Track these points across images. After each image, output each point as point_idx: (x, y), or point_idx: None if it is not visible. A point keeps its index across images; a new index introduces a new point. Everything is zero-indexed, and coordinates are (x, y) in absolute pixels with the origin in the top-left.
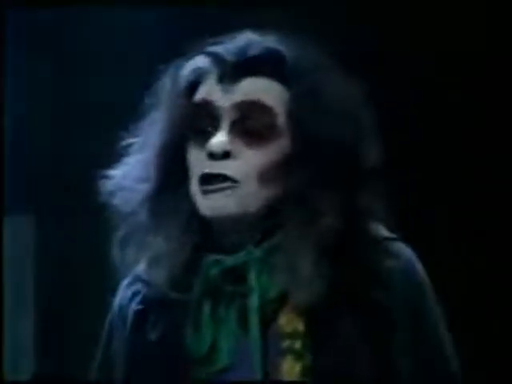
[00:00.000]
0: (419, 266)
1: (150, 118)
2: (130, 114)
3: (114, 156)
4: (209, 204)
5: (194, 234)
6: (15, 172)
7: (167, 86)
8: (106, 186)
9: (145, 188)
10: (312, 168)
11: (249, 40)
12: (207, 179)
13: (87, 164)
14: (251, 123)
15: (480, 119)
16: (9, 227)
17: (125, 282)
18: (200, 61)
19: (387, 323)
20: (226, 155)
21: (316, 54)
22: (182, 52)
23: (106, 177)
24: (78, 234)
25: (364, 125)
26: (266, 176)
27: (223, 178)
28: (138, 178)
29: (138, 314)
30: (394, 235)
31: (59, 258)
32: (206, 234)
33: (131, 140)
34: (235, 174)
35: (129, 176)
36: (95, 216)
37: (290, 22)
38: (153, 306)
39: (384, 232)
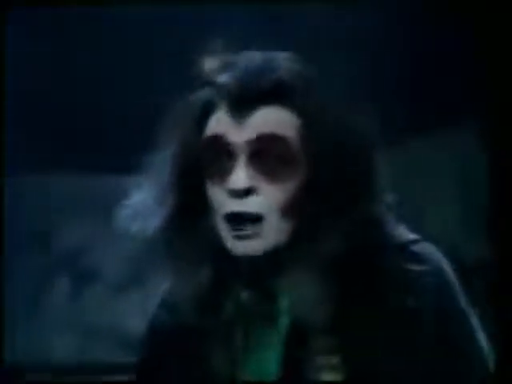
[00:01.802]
0: (446, 266)
1: (162, 155)
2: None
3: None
4: (239, 246)
5: (217, 262)
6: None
7: (177, 121)
8: (123, 214)
9: (162, 214)
10: (325, 191)
11: (253, 64)
12: (233, 218)
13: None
14: (269, 158)
15: None
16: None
17: (155, 302)
18: (207, 93)
19: (416, 326)
20: (248, 192)
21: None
22: (189, 84)
23: (122, 206)
24: None
25: (373, 140)
26: (289, 209)
27: (249, 216)
28: (154, 206)
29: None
30: (417, 236)
31: None
32: (231, 261)
33: (143, 175)
34: (260, 210)
35: (145, 204)
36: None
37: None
38: (178, 333)
39: (407, 235)
